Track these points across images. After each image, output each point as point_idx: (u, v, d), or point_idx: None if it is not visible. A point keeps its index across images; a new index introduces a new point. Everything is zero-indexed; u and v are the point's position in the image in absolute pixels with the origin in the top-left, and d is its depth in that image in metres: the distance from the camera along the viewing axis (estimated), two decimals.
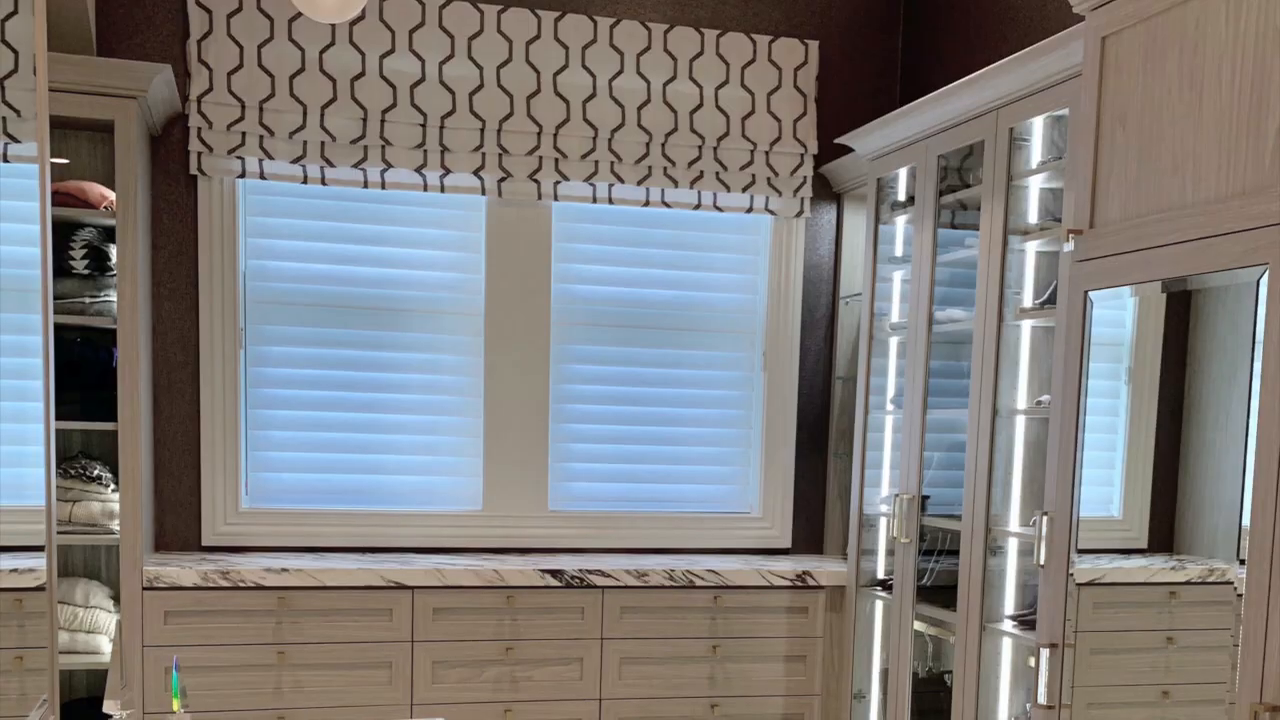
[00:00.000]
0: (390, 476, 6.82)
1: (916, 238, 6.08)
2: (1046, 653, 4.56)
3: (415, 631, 6.15)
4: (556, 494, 7.01)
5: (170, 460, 6.49)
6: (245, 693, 6.00)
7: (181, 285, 6.47)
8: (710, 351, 7.17)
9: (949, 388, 6.06)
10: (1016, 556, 5.54)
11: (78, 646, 5.83)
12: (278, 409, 6.69)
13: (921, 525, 6.03)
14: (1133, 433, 4.85)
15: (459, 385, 6.86)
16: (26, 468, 3.32)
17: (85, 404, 5.90)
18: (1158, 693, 4.63)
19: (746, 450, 7.26)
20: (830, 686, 6.68)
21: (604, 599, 6.38)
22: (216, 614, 5.96)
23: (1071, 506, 4.55)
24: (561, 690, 6.35)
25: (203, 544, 6.53)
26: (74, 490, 5.92)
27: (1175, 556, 4.71)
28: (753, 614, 6.56)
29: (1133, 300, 4.74)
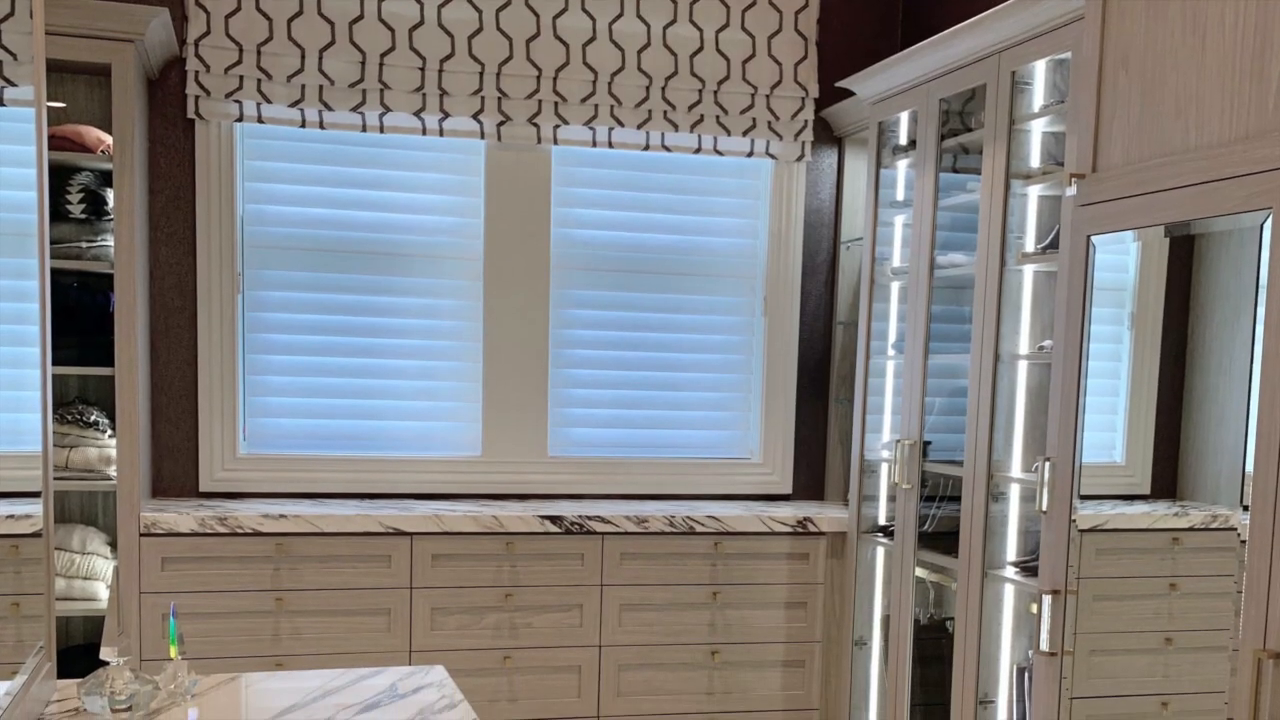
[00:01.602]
0: (389, 422, 6.80)
1: (918, 182, 6.05)
2: (1048, 599, 4.54)
3: (414, 578, 6.13)
4: (556, 439, 6.99)
5: (168, 405, 6.47)
6: (243, 639, 5.99)
7: (179, 230, 6.44)
8: (711, 296, 7.14)
9: (950, 333, 6.04)
10: (1018, 502, 5.52)
11: (74, 593, 5.82)
12: (276, 354, 6.66)
13: (923, 471, 6.01)
14: (1135, 378, 4.84)
15: (458, 330, 6.83)
16: (23, 413, 3.30)
17: (82, 349, 5.89)
18: (1160, 639, 4.62)
19: (747, 395, 7.24)
20: (831, 633, 6.67)
21: (604, 545, 6.37)
22: (214, 560, 5.94)
23: (1074, 452, 4.53)
24: (561, 637, 6.34)
25: (200, 490, 6.51)
26: (71, 436, 5.90)
27: (1178, 502, 4.70)
28: (753, 560, 6.55)
29: (1135, 245, 4.72)
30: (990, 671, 5.56)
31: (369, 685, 3.42)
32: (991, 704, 5.55)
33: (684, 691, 6.52)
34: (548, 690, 6.35)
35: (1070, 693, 4.53)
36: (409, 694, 3.34)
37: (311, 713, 3.13)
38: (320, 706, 3.19)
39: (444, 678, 3.49)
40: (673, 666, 6.50)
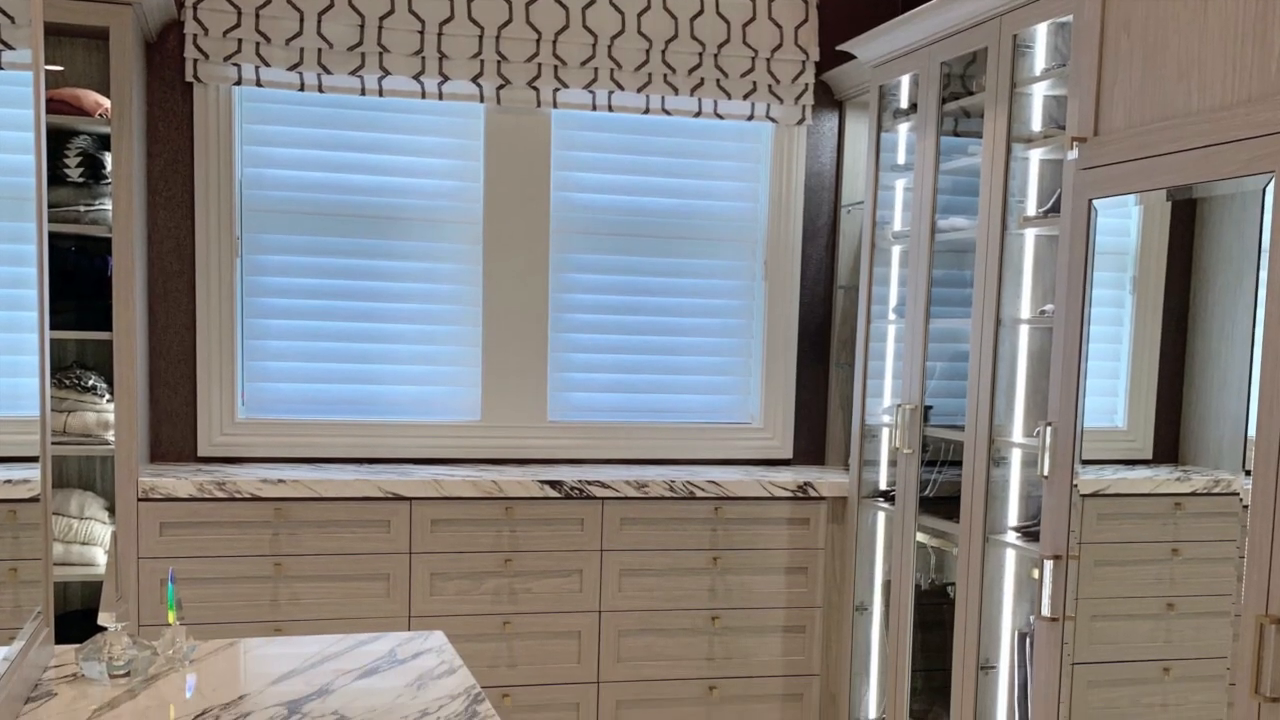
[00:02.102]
0: (388, 387, 6.78)
1: (919, 146, 6.03)
2: (1050, 564, 4.54)
3: (413, 543, 6.12)
4: (556, 404, 6.97)
5: (166, 370, 6.45)
6: (242, 605, 5.98)
7: (177, 194, 6.42)
8: (711, 260, 7.12)
9: (952, 297, 6.02)
10: (1020, 467, 5.52)
11: (72, 558, 5.81)
12: (274, 318, 6.63)
13: (924, 436, 6.00)
14: (1137, 342, 4.83)
15: (457, 294, 6.81)
16: (21, 377, 3.30)
17: (80, 313, 5.88)
18: (1162, 605, 4.61)
19: (747, 360, 7.22)
20: (832, 598, 6.66)
21: (603, 510, 6.36)
22: (212, 525, 5.93)
23: (1075, 417, 4.52)
24: (560, 602, 6.33)
25: (199, 455, 6.50)
26: (69, 400, 5.89)
27: (1180, 467, 4.70)
28: (754, 525, 6.54)
29: (1137, 208, 4.72)
30: (991, 637, 5.56)
31: (368, 651, 3.41)
32: (993, 669, 5.55)
33: (684, 657, 6.51)
34: (547, 655, 6.35)
35: (1072, 658, 4.53)
36: (408, 659, 3.33)
37: (310, 678, 3.12)
38: (319, 672, 3.18)
39: (443, 643, 3.49)
40: (673, 632, 6.49)
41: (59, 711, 2.82)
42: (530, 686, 6.33)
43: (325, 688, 3.03)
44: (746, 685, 6.59)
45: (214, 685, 3.09)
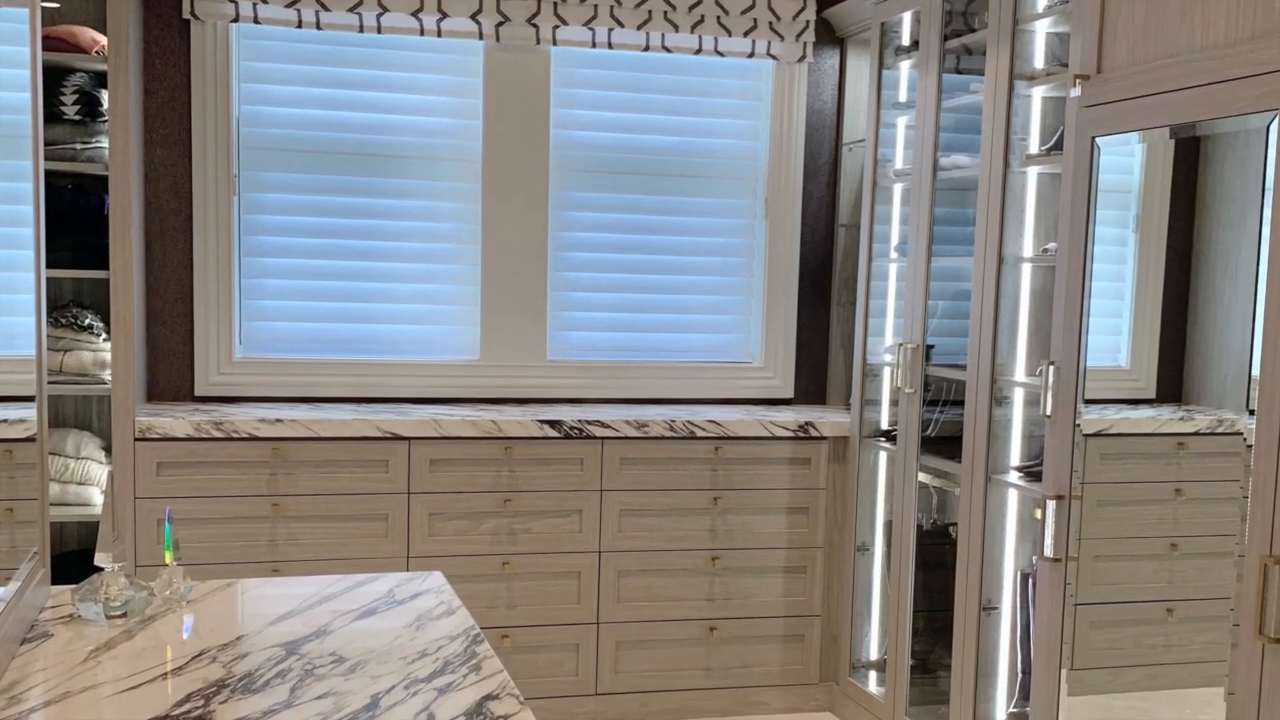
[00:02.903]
0: (386, 326, 6.75)
1: (921, 83, 6.00)
2: (1053, 504, 4.52)
3: (412, 483, 6.11)
4: (555, 343, 6.94)
5: (163, 309, 6.42)
6: (239, 545, 5.97)
7: (174, 131, 6.38)
8: (711, 199, 7.08)
9: (953, 235, 6.00)
10: (1022, 407, 5.51)
11: (69, 498, 5.81)
12: (272, 257, 6.60)
13: (926, 375, 5.98)
14: (1140, 281, 4.83)
15: (456, 233, 6.78)
16: (17, 316, 3.28)
17: (76, 252, 5.87)
18: (1166, 545, 4.61)
19: (748, 299, 7.19)
20: (833, 539, 6.65)
21: (603, 450, 6.34)
22: (210, 465, 5.91)
23: (1078, 356, 4.50)
24: (560, 542, 6.32)
25: (196, 394, 6.48)
26: (65, 339, 5.88)
27: (1183, 407, 4.70)
28: (754, 465, 6.52)
29: (1140, 146, 4.71)
30: (993, 577, 5.56)
31: (366, 591, 3.39)
32: (995, 610, 5.55)
33: (684, 597, 6.50)
34: (546, 596, 6.34)
35: (1074, 599, 4.52)
36: (407, 600, 3.31)
37: (308, 619, 3.11)
38: (317, 613, 3.17)
39: (442, 584, 3.47)
40: (673, 572, 6.48)
41: (55, 652, 2.80)
42: (529, 627, 6.33)
43: (323, 628, 3.02)
44: (747, 626, 6.59)
45: (211, 626, 3.07)
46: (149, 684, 2.60)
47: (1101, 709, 4.69)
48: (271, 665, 2.72)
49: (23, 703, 2.47)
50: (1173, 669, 4.64)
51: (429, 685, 2.61)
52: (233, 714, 2.43)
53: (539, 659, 6.35)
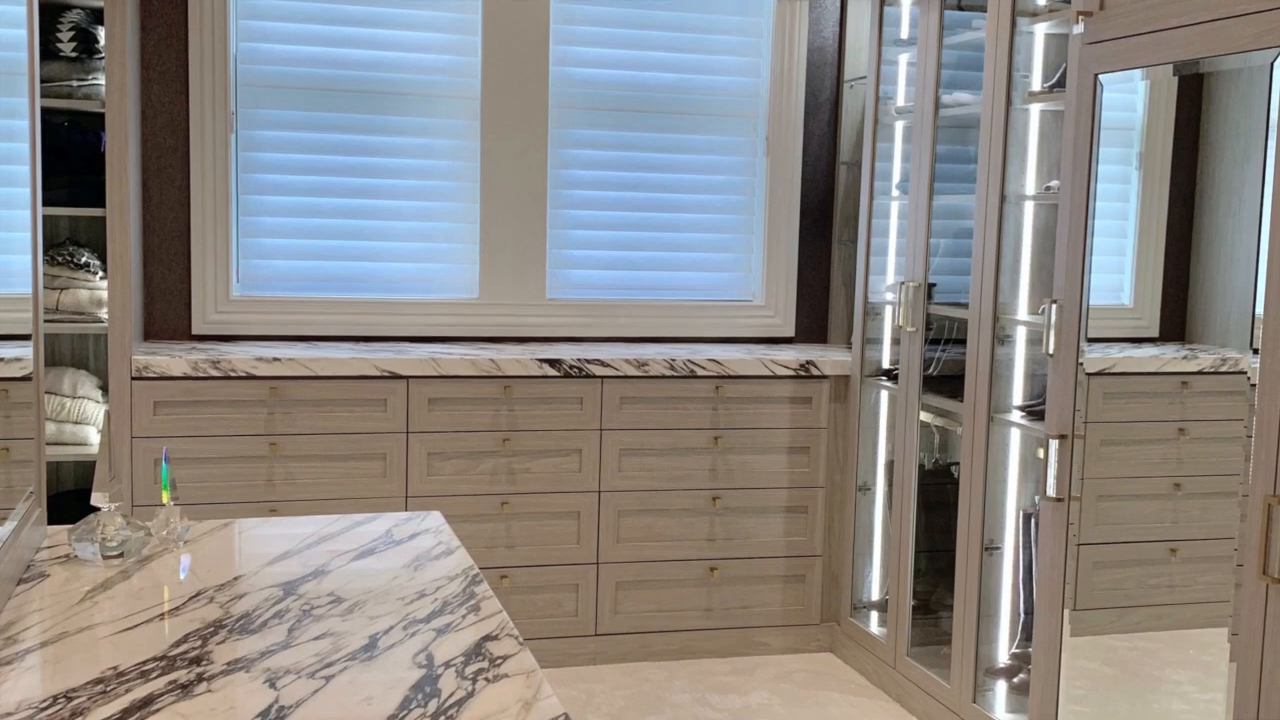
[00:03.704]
0: (385, 264, 6.72)
1: (922, 19, 5.96)
2: (1055, 444, 4.51)
3: (410, 422, 6.09)
4: (555, 281, 6.91)
5: (160, 247, 6.39)
6: (237, 484, 5.96)
7: (171, 68, 6.34)
8: (712, 136, 7.04)
9: (956, 173, 5.98)
10: (1025, 345, 5.49)
11: (65, 437, 5.81)
12: (270, 195, 6.57)
13: (927, 314, 5.96)
14: (1143, 219, 4.83)
15: (455, 170, 6.74)
16: (12, 254, 3.26)
17: (73, 189, 5.84)
18: (1169, 485, 4.61)
19: (749, 237, 7.15)
20: (834, 478, 6.63)
21: (603, 389, 6.32)
22: (207, 404, 5.89)
23: (1081, 294, 4.50)
24: (559, 482, 6.31)
25: (193, 333, 6.45)
26: (61, 278, 5.87)
27: (1187, 345, 4.70)
28: (755, 404, 6.50)
29: (1144, 84, 4.69)
30: (996, 517, 5.55)
31: (364, 531, 3.37)
32: (997, 550, 5.55)
33: (684, 537, 6.49)
34: (546, 536, 6.33)
35: (1077, 539, 4.52)
36: (405, 540, 3.29)
37: (306, 559, 3.09)
38: (315, 553, 3.15)
39: (441, 523, 3.45)
40: (673, 512, 6.47)
41: (51, 593, 2.79)
42: (529, 567, 6.32)
43: (321, 569, 3.00)
44: (748, 566, 6.58)
45: (208, 566, 3.06)
46: (146, 624, 2.59)
47: (1104, 650, 4.69)
48: (269, 606, 2.71)
49: (19, 643, 2.46)
50: (1176, 609, 4.64)
51: (427, 626, 2.60)
52: (230, 654, 2.42)
53: (538, 599, 6.34)
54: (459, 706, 2.18)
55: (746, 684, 6.28)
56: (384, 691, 2.24)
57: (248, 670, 2.33)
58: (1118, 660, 4.76)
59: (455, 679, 2.31)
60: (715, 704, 6.02)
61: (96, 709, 2.13)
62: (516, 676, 2.33)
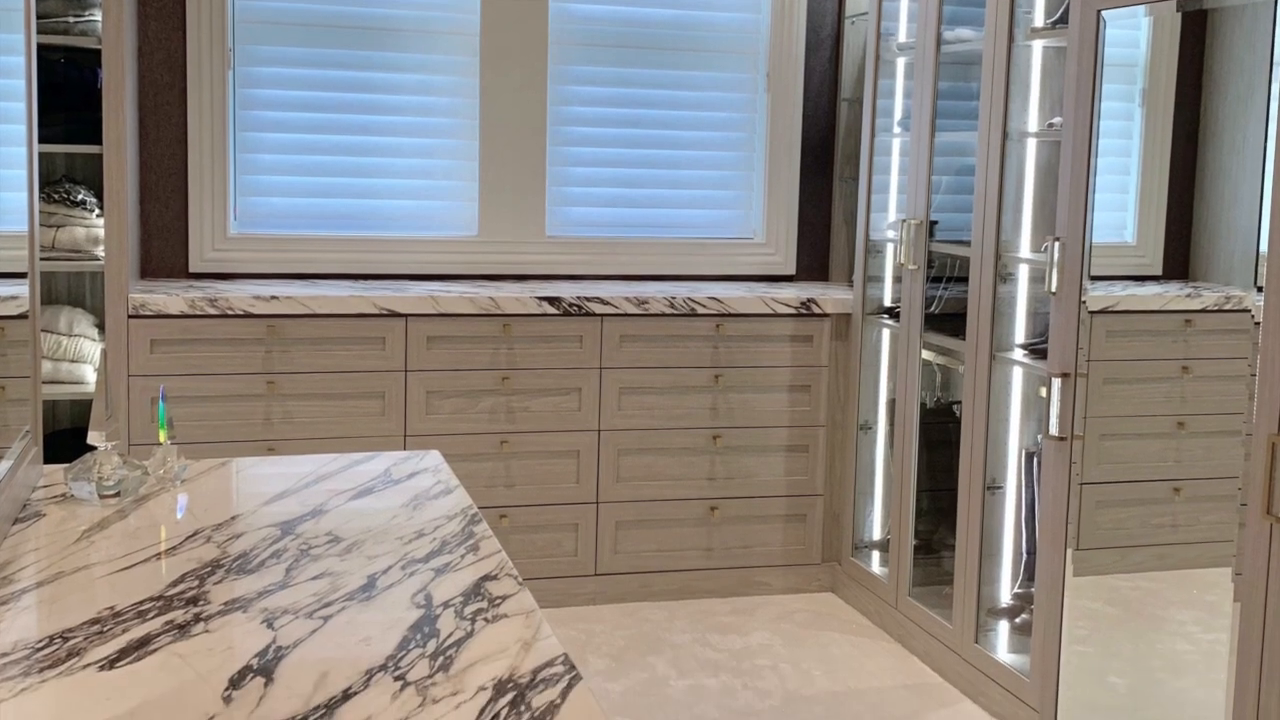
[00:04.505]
0: (383, 201, 6.69)
1: None
2: (1058, 382, 4.50)
3: (409, 361, 6.07)
4: (554, 219, 6.88)
5: (156, 184, 6.36)
6: (234, 423, 5.95)
7: (168, 4, 6.30)
8: (712, 73, 7.00)
9: (958, 110, 5.96)
10: (1027, 283, 5.48)
11: (61, 376, 5.80)
12: (268, 132, 6.53)
13: (929, 251, 5.94)
14: (1147, 157, 4.82)
15: (454, 107, 6.70)
16: (8, 191, 3.26)
17: (69, 126, 5.81)
18: (1172, 423, 4.60)
19: (749, 174, 7.12)
20: (836, 417, 6.61)
21: (603, 327, 6.29)
22: (204, 343, 5.88)
23: (1084, 232, 4.48)
24: (559, 421, 6.29)
25: (190, 271, 6.43)
26: (57, 215, 5.86)
27: (1191, 283, 4.69)
28: (756, 343, 6.48)
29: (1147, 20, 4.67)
30: (998, 456, 5.54)
31: (363, 470, 3.35)
32: (999, 489, 5.54)
33: (685, 476, 6.48)
34: (545, 475, 6.32)
35: (1080, 478, 4.51)
36: (403, 479, 3.28)
37: (304, 498, 3.07)
38: (313, 492, 3.13)
39: (439, 462, 3.43)
40: (673, 451, 6.45)
41: (48, 532, 2.78)
42: (528, 507, 6.31)
43: (319, 508, 2.99)
44: (748, 506, 6.57)
45: (205, 506, 3.05)
46: (143, 564, 2.58)
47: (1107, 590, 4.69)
48: (267, 545, 2.69)
49: (15, 583, 2.44)
50: (1179, 549, 4.64)
51: (426, 565, 2.58)
52: (227, 594, 2.40)
53: (537, 539, 6.34)
54: (458, 647, 2.16)
55: (747, 624, 6.28)
56: (382, 632, 2.22)
57: (245, 610, 2.32)
58: (1121, 600, 4.76)
59: (454, 619, 2.29)
60: (715, 644, 6.03)
61: (93, 649, 2.12)
62: (516, 616, 2.31)
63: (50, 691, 1.97)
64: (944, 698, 5.57)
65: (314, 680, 2.01)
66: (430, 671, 2.06)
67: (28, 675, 2.01)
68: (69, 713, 1.92)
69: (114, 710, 1.90)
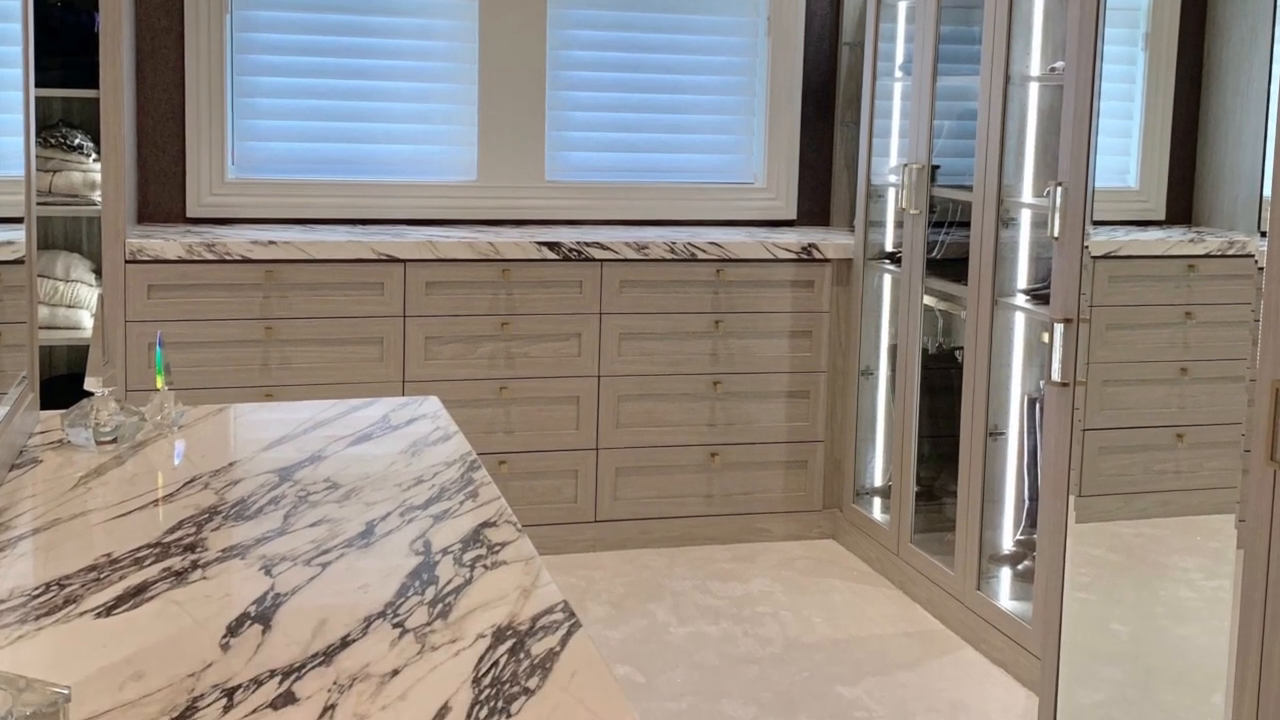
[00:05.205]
0: (382, 146, 6.67)
1: None
2: (1060, 328, 4.47)
3: (407, 306, 6.05)
4: (554, 163, 6.85)
5: (154, 129, 6.34)
6: (232, 369, 5.93)
7: None
8: (713, 16, 6.98)
9: (960, 54, 5.95)
10: (1029, 228, 5.46)
11: (58, 321, 5.79)
12: (265, 76, 6.51)
13: (931, 196, 5.92)
14: (1150, 100, 4.80)
15: (453, 51, 6.67)
16: (5, 136, 3.25)
17: (66, 70, 5.80)
18: (1175, 369, 4.59)
19: (750, 119, 7.09)
20: (837, 363, 6.60)
21: (603, 272, 6.27)
22: (202, 288, 5.86)
23: (1086, 176, 4.45)
24: (559, 366, 6.27)
25: (187, 216, 6.41)
26: (54, 160, 5.83)
27: (1194, 228, 4.68)
28: (757, 288, 6.46)
29: None
30: (1000, 402, 5.53)
31: (361, 417, 3.34)
32: (1001, 435, 5.54)
33: (685, 423, 6.47)
34: (545, 421, 6.31)
35: (1082, 424, 4.49)
36: (402, 425, 3.26)
37: (302, 444, 3.06)
38: (311, 438, 3.12)
39: (438, 409, 3.42)
40: (674, 397, 6.44)
41: (44, 478, 2.76)
42: (527, 453, 6.30)
43: (317, 454, 2.97)
44: (749, 452, 6.56)
45: (203, 452, 3.04)
46: (140, 511, 2.57)
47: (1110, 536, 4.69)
48: (265, 492, 2.68)
49: (11, 530, 2.43)
50: (1183, 495, 4.63)
51: (425, 512, 2.57)
52: (225, 541, 2.39)
53: (537, 485, 6.33)
54: (457, 594, 2.15)
55: (747, 571, 6.27)
56: (381, 579, 2.21)
57: (243, 557, 2.31)
58: (1123, 547, 4.76)
59: (453, 566, 2.28)
60: (716, 591, 6.02)
61: (90, 596, 2.11)
62: (515, 563, 2.30)
63: (47, 639, 1.96)
64: (945, 645, 5.56)
65: (312, 627, 2.00)
66: (429, 619, 2.05)
67: (24, 623, 2.00)
68: (65, 660, 1.90)
69: (111, 657, 1.89)
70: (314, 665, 1.87)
